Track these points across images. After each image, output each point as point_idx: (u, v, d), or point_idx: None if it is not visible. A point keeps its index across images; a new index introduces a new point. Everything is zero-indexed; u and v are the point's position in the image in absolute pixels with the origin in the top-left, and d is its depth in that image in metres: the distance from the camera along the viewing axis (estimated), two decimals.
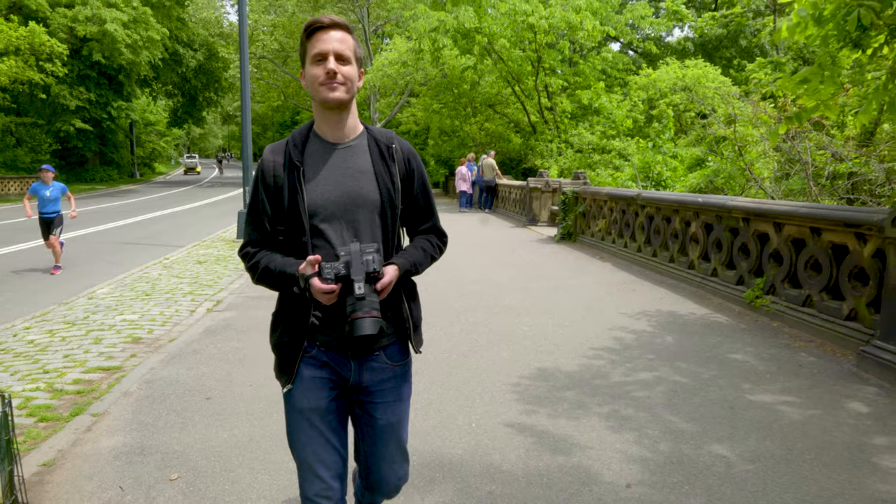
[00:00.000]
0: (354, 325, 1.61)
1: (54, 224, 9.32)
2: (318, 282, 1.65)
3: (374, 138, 1.87)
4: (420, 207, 1.96)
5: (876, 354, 4.39)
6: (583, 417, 3.80)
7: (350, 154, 1.83)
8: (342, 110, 1.80)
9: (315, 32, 1.75)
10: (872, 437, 3.46)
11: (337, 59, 1.73)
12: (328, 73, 1.71)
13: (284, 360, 1.88)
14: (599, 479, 3.06)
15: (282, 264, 1.78)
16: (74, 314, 6.72)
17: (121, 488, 3.05)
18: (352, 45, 1.77)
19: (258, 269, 1.82)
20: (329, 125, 1.82)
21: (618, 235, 10.04)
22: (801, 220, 5.56)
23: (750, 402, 4.00)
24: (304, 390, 1.85)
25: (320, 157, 1.81)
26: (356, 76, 1.79)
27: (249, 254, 1.87)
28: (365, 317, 1.61)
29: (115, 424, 3.82)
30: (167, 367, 4.89)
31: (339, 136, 1.83)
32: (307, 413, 1.84)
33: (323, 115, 1.82)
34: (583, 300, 7.03)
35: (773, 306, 5.90)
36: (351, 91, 1.77)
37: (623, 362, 4.84)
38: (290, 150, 1.81)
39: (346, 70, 1.74)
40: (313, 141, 1.84)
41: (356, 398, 1.93)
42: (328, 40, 1.73)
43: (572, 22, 19.43)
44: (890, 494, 2.87)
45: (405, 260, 1.84)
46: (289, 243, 1.82)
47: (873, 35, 4.92)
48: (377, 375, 1.89)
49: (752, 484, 2.99)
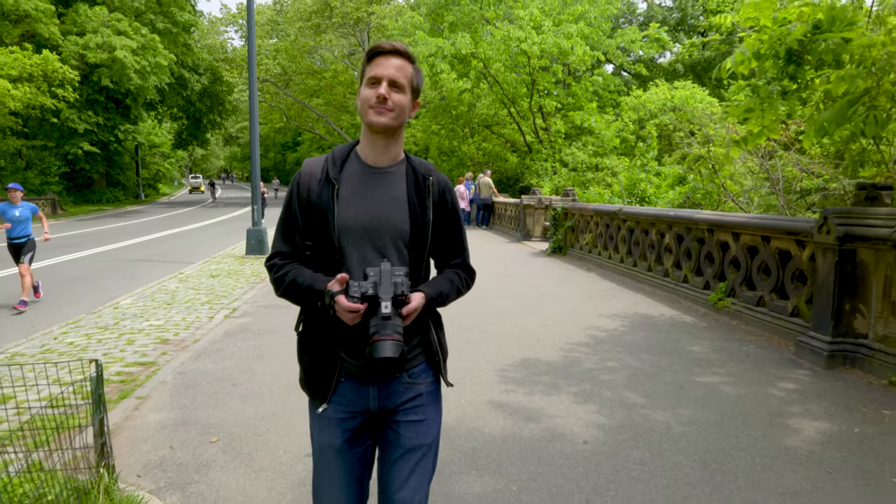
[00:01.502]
0: (375, 346, 1.56)
1: (24, 249, 8.35)
2: (344, 300, 1.63)
3: (413, 168, 1.85)
4: (451, 242, 1.93)
5: (809, 343, 5.09)
6: (554, 395, 4.49)
7: (387, 180, 1.82)
8: (388, 136, 1.80)
9: (376, 56, 1.76)
10: (790, 406, 4.16)
11: (390, 86, 1.73)
12: (378, 98, 1.72)
13: (319, 378, 1.83)
14: (562, 438, 3.75)
15: (311, 280, 1.75)
16: (105, 321, 7.42)
17: (171, 447, 3.74)
18: (409, 74, 1.77)
19: (284, 281, 1.80)
20: (373, 149, 1.82)
21: (603, 248, 10.77)
22: (754, 229, 6.29)
23: (697, 382, 4.70)
24: (322, 425, 1.83)
25: (357, 178, 1.80)
26: (407, 105, 1.79)
27: (277, 265, 1.85)
28: (387, 339, 1.56)
29: (157, 405, 4.51)
30: (195, 361, 5.59)
31: (379, 160, 1.83)
32: (325, 450, 1.82)
33: (368, 137, 1.82)
34: (566, 305, 7.73)
35: (732, 307, 6.61)
36: (399, 119, 1.77)
37: (595, 354, 5.54)
38: (329, 167, 1.81)
39: (397, 98, 1.74)
40: (353, 161, 1.84)
41: (381, 423, 1.87)
42: (386, 66, 1.74)
43: (564, 48, 20.38)
44: (789, 444, 3.57)
45: (432, 289, 1.80)
46: (316, 259, 1.81)
47: (806, 69, 5.69)
48: (400, 397, 1.84)
49: (685, 440, 3.68)
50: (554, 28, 21.13)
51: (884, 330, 4.66)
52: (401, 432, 1.83)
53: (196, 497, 3.14)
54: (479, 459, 3.49)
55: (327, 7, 39.84)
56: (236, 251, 14.89)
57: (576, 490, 3.12)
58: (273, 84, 44.87)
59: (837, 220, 4.86)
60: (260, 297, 8.55)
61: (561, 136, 24.08)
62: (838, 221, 4.85)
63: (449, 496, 3.07)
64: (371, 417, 1.83)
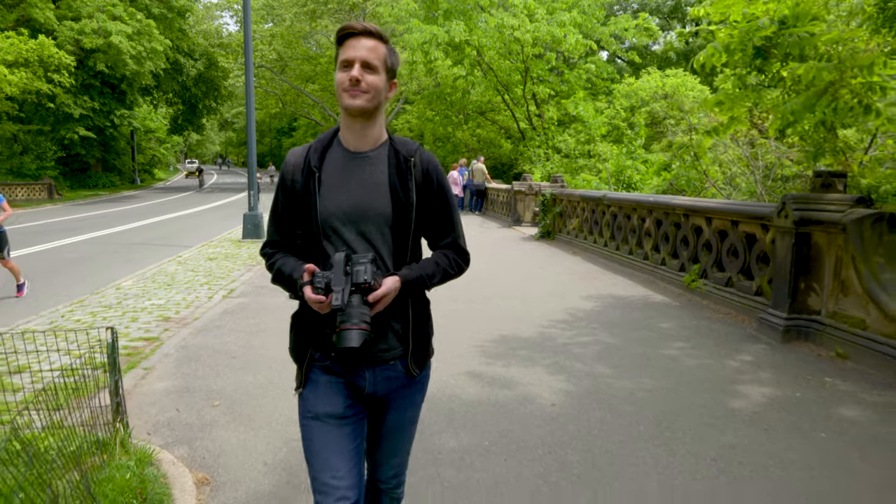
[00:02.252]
0: (340, 335, 1.58)
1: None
2: (309, 291, 1.65)
3: (396, 149, 1.83)
4: (440, 222, 1.90)
5: (768, 319, 5.48)
6: (529, 366, 4.87)
7: (368, 164, 1.80)
8: (365, 119, 1.77)
9: (347, 39, 1.73)
10: (743, 375, 4.55)
11: (363, 67, 1.70)
12: (351, 80, 1.69)
13: (297, 363, 1.88)
14: (532, 402, 4.13)
15: (291, 268, 1.79)
16: (108, 300, 7.76)
17: (177, 410, 4.11)
18: (382, 53, 1.74)
19: (273, 270, 1.86)
20: (352, 133, 1.80)
21: (588, 232, 11.14)
22: (724, 214, 6.66)
23: (661, 355, 5.09)
24: (321, 395, 1.82)
25: (338, 164, 1.80)
26: (383, 86, 1.76)
27: (268, 254, 1.91)
28: (351, 328, 1.57)
29: (162, 374, 4.88)
30: (196, 337, 5.95)
31: (360, 145, 1.81)
32: (322, 418, 1.80)
33: (346, 122, 1.80)
34: (549, 287, 8.11)
35: (704, 287, 6.99)
36: (374, 100, 1.74)
37: (571, 330, 5.92)
38: (311, 156, 1.81)
39: (371, 79, 1.71)
40: (335, 148, 1.83)
41: (371, 407, 1.91)
42: (357, 47, 1.71)
43: (557, 36, 20.61)
44: (736, 407, 3.97)
45: (411, 271, 1.78)
46: (305, 247, 1.84)
47: (773, 62, 6.04)
48: (393, 384, 1.86)
49: (642, 403, 4.07)
50: (547, 16, 21.34)
51: (834, 307, 5.05)
52: (387, 417, 1.92)
53: (202, 450, 3.51)
54: (456, 420, 3.87)
55: None
56: (233, 235, 15.20)
57: (540, 444, 3.51)
58: (269, 69, 44.87)
59: (794, 205, 5.23)
60: (257, 278, 8.90)
61: (554, 123, 24.37)
62: (795, 206, 5.22)
63: (428, 450, 3.45)
64: (366, 399, 1.86)
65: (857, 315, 4.79)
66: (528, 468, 3.23)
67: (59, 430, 3.45)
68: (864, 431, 3.60)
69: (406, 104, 34.72)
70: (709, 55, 6.02)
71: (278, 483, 3.12)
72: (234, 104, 57.50)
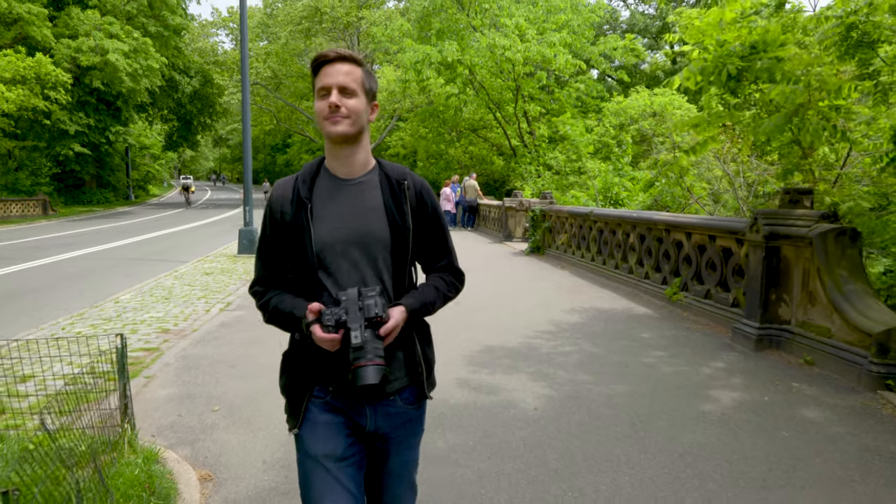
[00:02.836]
0: (357, 373, 1.55)
1: None
2: (319, 330, 1.62)
3: (386, 174, 1.81)
4: (434, 245, 1.88)
5: (742, 329, 5.76)
6: (513, 374, 5.12)
7: (360, 191, 1.78)
8: (349, 144, 1.75)
9: (322, 67, 1.72)
10: (715, 381, 4.82)
11: (341, 92, 1.69)
12: (331, 107, 1.68)
13: (292, 402, 1.83)
14: (516, 406, 4.38)
15: (291, 306, 1.75)
16: (107, 313, 7.97)
17: (179, 415, 4.33)
18: (359, 77, 1.72)
19: (268, 308, 1.80)
20: (338, 160, 1.78)
21: (576, 247, 11.44)
22: (702, 229, 6.96)
23: (640, 363, 5.35)
24: (320, 435, 1.76)
25: (329, 193, 1.77)
26: (364, 109, 1.74)
27: (259, 292, 1.85)
28: (367, 364, 1.54)
29: (164, 382, 5.10)
30: (195, 347, 6.17)
31: (348, 171, 1.79)
32: (322, 460, 1.74)
33: (332, 150, 1.77)
34: (536, 300, 8.38)
35: (685, 300, 7.27)
36: (356, 125, 1.71)
37: (555, 340, 6.18)
38: (299, 186, 1.77)
39: (350, 103, 1.69)
40: (323, 177, 1.80)
41: (371, 445, 1.86)
42: (333, 74, 1.69)
43: (547, 56, 21.10)
44: (706, 409, 4.23)
45: (414, 300, 1.76)
46: (298, 281, 1.78)
47: (745, 85, 6.38)
48: (394, 420, 1.82)
49: (619, 407, 4.32)
50: (538, 37, 21.85)
51: (802, 316, 5.34)
52: (390, 457, 1.85)
53: (204, 450, 3.74)
54: (445, 422, 4.11)
55: (317, 12, 40.41)
56: (228, 251, 15.42)
57: (522, 444, 3.75)
58: (264, 87, 45.36)
59: (764, 220, 5.53)
60: None
61: (545, 141, 24.80)
62: (765, 221, 5.52)
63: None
64: (367, 436, 1.82)
65: (824, 324, 5.07)
66: (510, 464, 3.47)
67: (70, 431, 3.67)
68: (823, 431, 3.86)
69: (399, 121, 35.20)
70: (684, 78, 6.36)
71: (277, 479, 3.34)
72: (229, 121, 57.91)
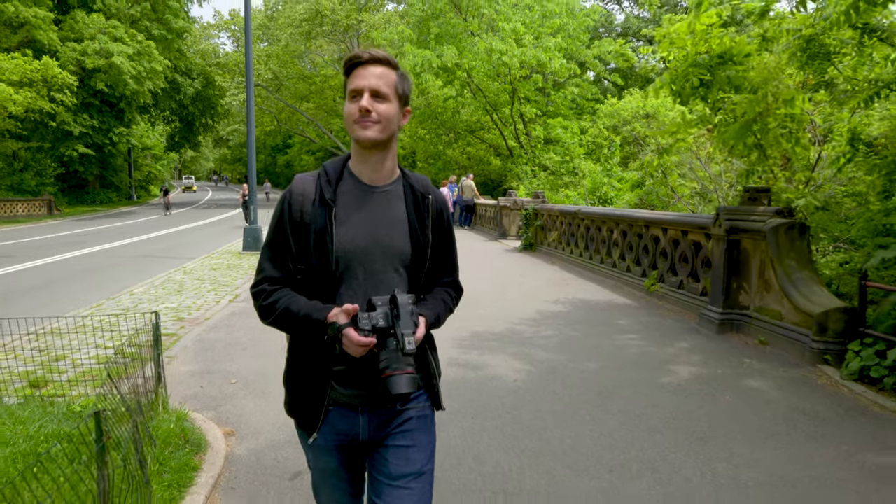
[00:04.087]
0: (391, 382, 1.50)
1: None
2: (355, 333, 1.54)
3: (411, 185, 1.78)
4: (444, 260, 1.87)
5: (707, 314, 6.35)
6: (498, 354, 5.70)
7: (385, 200, 1.74)
8: (379, 150, 1.70)
9: (355, 68, 1.67)
10: (677, 358, 5.41)
11: (373, 96, 1.64)
12: (361, 111, 1.63)
13: (306, 416, 1.76)
14: (498, 379, 4.96)
15: (308, 308, 1.66)
16: (124, 304, 8.55)
17: (201, 387, 4.91)
18: (393, 81, 1.67)
19: (276, 309, 1.70)
20: (366, 166, 1.73)
21: (566, 244, 12.03)
22: (676, 225, 7.54)
23: (613, 344, 5.94)
24: (316, 452, 1.79)
25: (354, 198, 1.72)
26: (395, 115, 1.68)
27: (266, 291, 1.73)
28: (402, 374, 1.50)
29: (184, 361, 5.68)
30: (209, 333, 6.75)
31: (375, 178, 1.74)
32: (326, 472, 1.80)
33: (360, 154, 1.72)
34: (525, 292, 8.96)
35: (661, 290, 7.86)
36: (387, 130, 1.66)
37: (538, 327, 6.76)
38: (323, 186, 1.71)
39: (382, 108, 1.64)
40: (347, 180, 1.74)
41: (370, 450, 1.80)
42: (366, 76, 1.64)
43: (542, 60, 21.72)
44: (665, 381, 4.82)
45: (431, 312, 1.73)
46: (310, 284, 1.71)
47: (714, 91, 6.97)
48: (390, 423, 1.76)
49: (590, 380, 4.91)
50: (534, 41, 22.46)
51: (759, 302, 5.92)
52: (388, 458, 1.74)
53: (225, 413, 4.32)
54: None
55: (318, 15, 41.02)
56: (233, 248, 16.00)
57: (501, 407, 4.33)
58: (265, 88, 45.95)
59: (726, 216, 6.11)
60: None
61: (541, 142, 25.40)
62: (727, 217, 6.10)
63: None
64: (361, 445, 1.77)
65: (776, 308, 5.66)
66: (490, 423, 4.05)
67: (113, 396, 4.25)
68: (762, 396, 4.45)
69: None
70: (657, 87, 6.95)
71: (290, 434, 3.92)
72: (230, 121, 58.49)
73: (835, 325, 4.95)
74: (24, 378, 5.06)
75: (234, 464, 3.56)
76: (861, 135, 6.67)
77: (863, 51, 6.55)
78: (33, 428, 3.74)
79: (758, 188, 6.11)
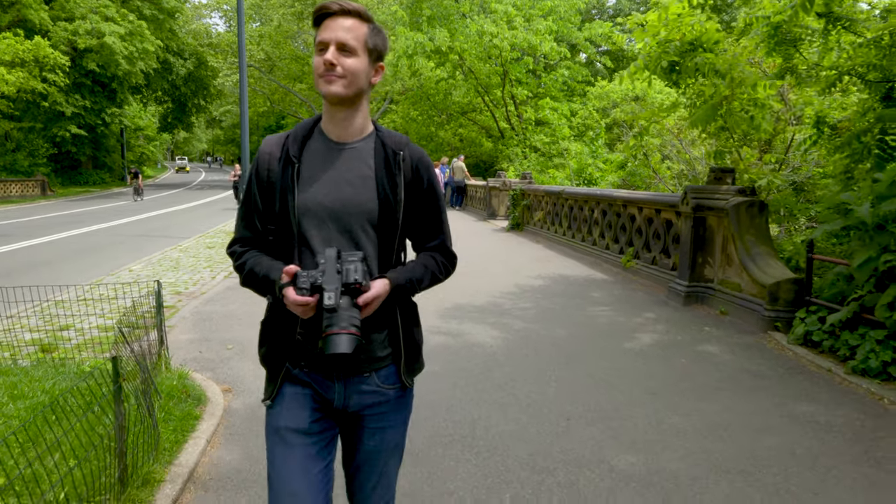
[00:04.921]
0: (328, 341, 1.43)
1: None
2: (292, 292, 1.50)
3: (383, 142, 1.70)
4: (427, 223, 1.79)
5: (675, 288, 6.76)
6: (478, 324, 6.10)
7: (353, 157, 1.67)
8: (346, 107, 1.64)
9: (324, 19, 1.60)
10: (643, 327, 5.83)
11: (339, 50, 1.56)
12: (326, 64, 1.56)
13: (269, 373, 1.73)
14: (477, 345, 5.36)
15: (267, 268, 1.63)
16: (124, 279, 8.89)
17: (199, 352, 5.30)
18: (363, 34, 1.59)
19: (244, 269, 1.68)
20: (334, 122, 1.67)
21: (551, 223, 12.42)
22: (650, 203, 7.93)
23: (584, 314, 6.35)
24: (285, 408, 1.68)
25: (320, 155, 1.67)
26: (364, 70, 1.61)
27: (237, 253, 1.73)
28: (341, 333, 1.42)
29: (183, 330, 6.06)
30: (206, 305, 7.12)
31: (343, 135, 1.68)
32: (284, 433, 1.66)
33: (328, 111, 1.67)
34: (508, 268, 9.36)
35: (636, 266, 8.27)
36: (353, 86, 1.59)
37: (518, 300, 7.16)
38: (289, 145, 1.67)
39: (349, 62, 1.57)
40: (316, 138, 1.70)
41: (343, 425, 1.76)
42: (333, 28, 1.57)
43: (533, 43, 21.93)
44: (628, 346, 5.24)
45: (399, 275, 1.65)
46: (278, 245, 1.68)
47: (685, 77, 7.31)
48: (366, 399, 1.70)
49: (559, 345, 5.32)
50: (525, 24, 22.64)
51: (722, 275, 6.33)
52: (363, 438, 1.73)
53: (223, 373, 4.71)
54: None
55: None
56: (226, 228, 16.31)
57: (476, 367, 4.74)
58: (257, 69, 45.79)
59: (693, 194, 6.50)
60: None
61: (531, 123, 25.68)
62: (693, 196, 6.49)
63: None
64: (335, 413, 1.72)
65: (736, 281, 6.07)
66: (464, 380, 4.46)
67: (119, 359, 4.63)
68: (713, 359, 4.88)
69: (391, 104, 36.00)
70: (632, 72, 7.29)
71: None
72: (224, 103, 58.29)
73: (785, 295, 5.36)
74: (34, 344, 5.43)
75: (231, 415, 3.96)
76: (826, 118, 7.06)
77: (828, 38, 6.90)
78: (48, 384, 4.12)
79: (723, 168, 6.49)
